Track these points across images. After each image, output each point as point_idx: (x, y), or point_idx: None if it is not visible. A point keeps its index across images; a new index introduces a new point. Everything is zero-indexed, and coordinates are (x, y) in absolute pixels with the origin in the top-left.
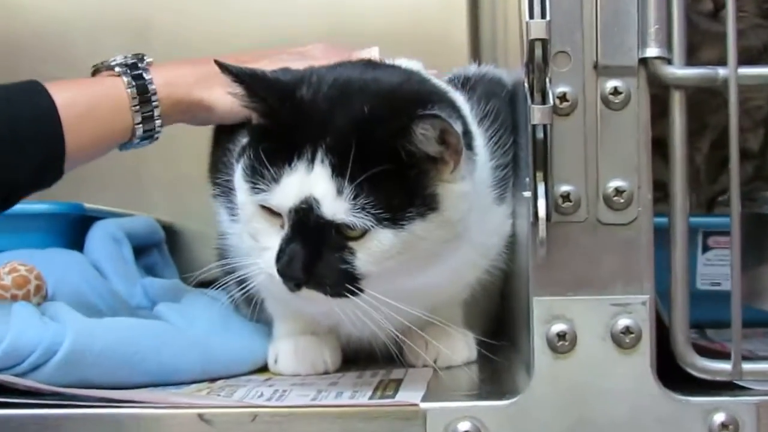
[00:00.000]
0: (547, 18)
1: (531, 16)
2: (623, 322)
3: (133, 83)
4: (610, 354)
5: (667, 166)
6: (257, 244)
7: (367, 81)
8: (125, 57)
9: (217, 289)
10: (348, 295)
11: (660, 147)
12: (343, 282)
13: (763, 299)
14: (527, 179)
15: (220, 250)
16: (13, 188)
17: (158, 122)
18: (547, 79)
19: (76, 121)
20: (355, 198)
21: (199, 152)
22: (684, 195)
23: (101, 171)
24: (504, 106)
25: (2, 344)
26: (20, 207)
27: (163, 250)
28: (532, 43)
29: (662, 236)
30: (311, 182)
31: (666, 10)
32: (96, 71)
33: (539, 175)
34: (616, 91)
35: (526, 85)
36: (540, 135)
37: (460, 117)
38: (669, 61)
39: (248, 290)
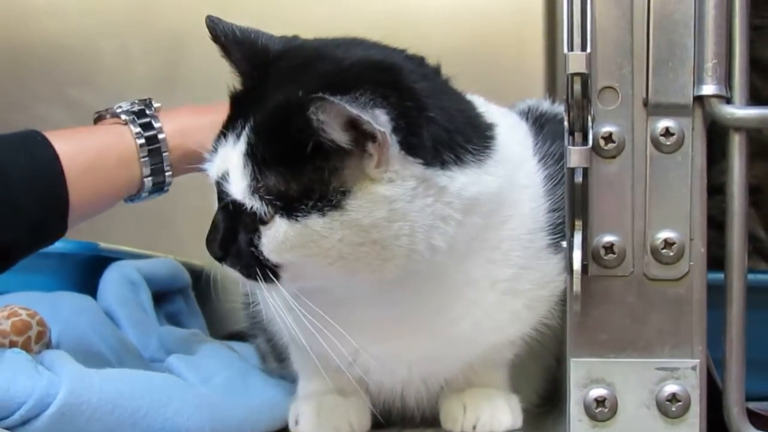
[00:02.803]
0: (588, 50)
1: (571, 48)
2: (670, 388)
3: (142, 133)
4: (654, 423)
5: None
6: None
7: (328, 58)
8: (132, 104)
9: (248, 341)
10: (260, 279)
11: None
12: (254, 265)
13: None
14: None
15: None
16: (9, 250)
17: (168, 173)
18: (590, 117)
19: (79, 176)
20: (254, 180)
21: None
22: (742, 249)
23: (121, 206)
24: None
25: None
26: None
27: (189, 297)
28: (571, 78)
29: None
30: (230, 157)
31: (726, 43)
32: (99, 118)
33: (577, 223)
34: (667, 132)
35: (566, 123)
36: (578, 179)
37: (405, 107)
38: (728, 100)
39: (273, 340)
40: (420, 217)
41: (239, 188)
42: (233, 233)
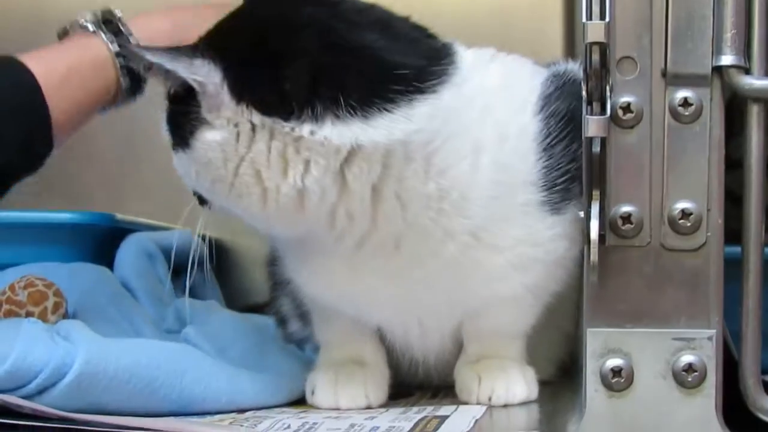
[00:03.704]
0: (606, 19)
1: (589, 17)
2: (686, 358)
3: (114, 39)
4: (670, 394)
5: None
6: None
7: (251, 13)
8: (94, 14)
9: (267, 313)
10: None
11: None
12: None
13: None
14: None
15: (269, 259)
16: (3, 169)
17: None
18: (608, 87)
19: (56, 91)
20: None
21: None
22: (760, 221)
23: (139, 179)
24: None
25: (5, 364)
26: (43, 216)
27: (205, 270)
28: (589, 47)
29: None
30: None
31: (745, 14)
32: (64, 33)
33: (595, 193)
34: (686, 103)
35: (584, 93)
36: (596, 149)
37: (249, 61)
38: (747, 71)
39: (296, 299)
40: (262, 160)
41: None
42: None
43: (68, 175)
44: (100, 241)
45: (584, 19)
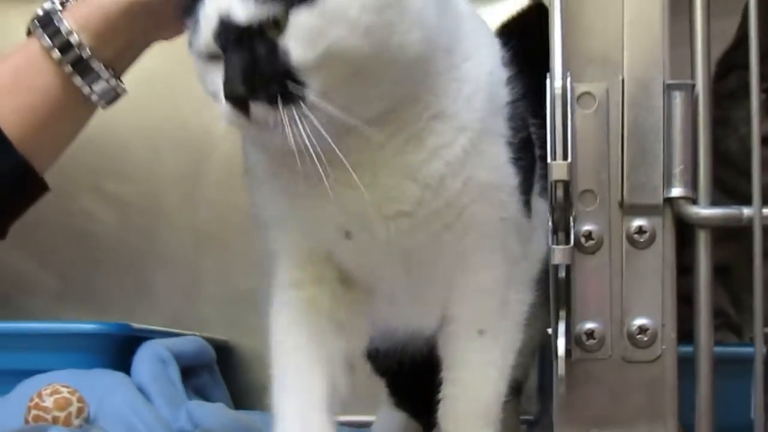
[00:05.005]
0: (569, 159)
1: (553, 158)
2: None
3: (45, 34)
4: None
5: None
6: (214, 96)
7: None
8: (45, 6)
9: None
10: (294, 102)
11: (719, 275)
12: (285, 83)
13: None
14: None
15: None
16: None
17: (88, 56)
18: (571, 218)
19: (3, 99)
20: None
21: (254, 267)
22: (709, 333)
23: (152, 289)
24: None
25: None
26: (65, 326)
27: (214, 371)
28: (554, 184)
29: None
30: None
31: (692, 150)
32: (28, 33)
33: (561, 313)
34: (641, 230)
35: (549, 224)
36: (561, 274)
37: None
38: (694, 201)
39: None
40: None
41: (246, 10)
42: (251, 67)
43: (85, 285)
44: (118, 348)
45: (549, 159)
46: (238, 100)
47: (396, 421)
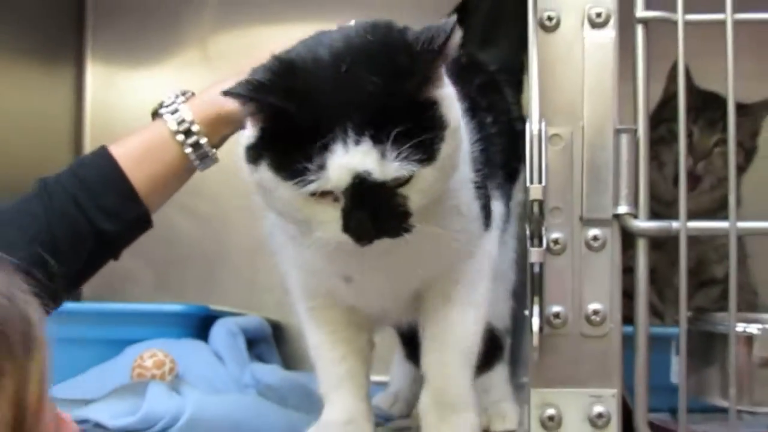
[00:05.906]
0: (543, 183)
1: (531, 182)
2: (597, 409)
3: (172, 118)
4: None
5: None
6: (313, 222)
7: (355, 46)
8: (170, 97)
9: None
10: (404, 233)
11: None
12: (401, 223)
13: (707, 394)
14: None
15: None
16: (112, 241)
17: (204, 142)
18: (543, 228)
19: (135, 165)
20: (398, 156)
21: None
22: (645, 318)
23: (224, 279)
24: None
25: (140, 412)
26: (160, 307)
27: (270, 343)
28: (531, 203)
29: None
30: (356, 158)
31: (634, 178)
32: (154, 115)
33: (536, 299)
34: (595, 238)
35: (527, 232)
36: (537, 270)
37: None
38: (635, 216)
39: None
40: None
41: (389, 170)
42: (377, 214)
43: (172, 277)
44: (199, 324)
45: (527, 184)
46: (366, 241)
47: (406, 370)
